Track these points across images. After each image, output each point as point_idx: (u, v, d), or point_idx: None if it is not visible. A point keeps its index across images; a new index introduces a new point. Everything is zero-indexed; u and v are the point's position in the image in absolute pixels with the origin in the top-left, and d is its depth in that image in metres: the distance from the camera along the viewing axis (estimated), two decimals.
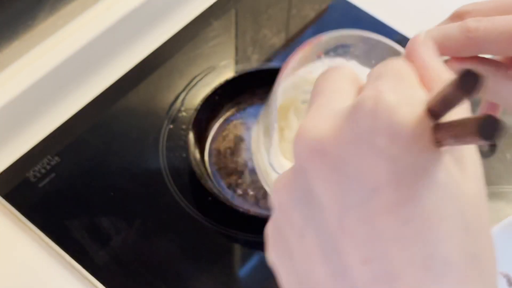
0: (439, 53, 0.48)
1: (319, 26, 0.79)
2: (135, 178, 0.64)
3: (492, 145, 0.70)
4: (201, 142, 0.67)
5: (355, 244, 0.25)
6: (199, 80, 0.72)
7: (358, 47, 0.38)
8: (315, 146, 0.26)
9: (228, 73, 0.72)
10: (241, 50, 0.76)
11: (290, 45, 0.77)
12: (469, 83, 0.22)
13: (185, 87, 0.71)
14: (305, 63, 0.38)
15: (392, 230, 0.24)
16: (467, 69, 0.22)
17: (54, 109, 0.68)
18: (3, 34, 0.66)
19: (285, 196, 0.28)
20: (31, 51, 0.69)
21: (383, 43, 0.37)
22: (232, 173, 0.66)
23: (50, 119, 0.67)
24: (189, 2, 0.78)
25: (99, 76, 0.71)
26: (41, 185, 0.62)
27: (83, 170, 0.64)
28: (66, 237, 0.60)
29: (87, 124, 0.67)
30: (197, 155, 0.65)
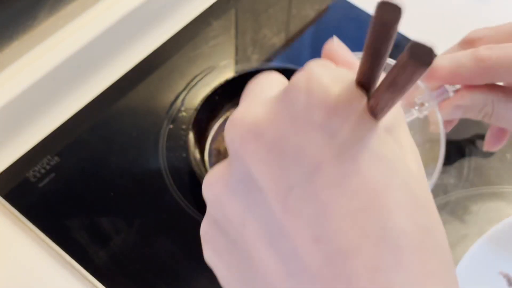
0: (451, 81, 0.48)
1: (319, 26, 0.79)
2: (135, 178, 0.64)
3: None
4: (201, 142, 0.67)
5: (302, 224, 0.24)
6: (199, 80, 0.72)
7: None
8: (249, 129, 0.25)
9: (228, 73, 0.72)
10: (241, 50, 0.76)
11: (290, 45, 0.77)
12: (388, 12, 0.23)
13: (185, 87, 0.71)
14: None
15: (339, 205, 0.23)
16: (383, 1, 0.22)
17: (54, 109, 0.68)
18: (3, 34, 0.66)
19: (220, 188, 0.27)
20: (31, 51, 0.69)
21: (390, 65, 0.36)
22: None
23: (50, 119, 0.67)
24: (189, 2, 0.78)
25: (99, 76, 0.71)
26: (41, 185, 0.62)
27: (83, 170, 0.64)
28: (66, 237, 0.59)
29: (87, 124, 0.67)
30: (197, 155, 0.65)
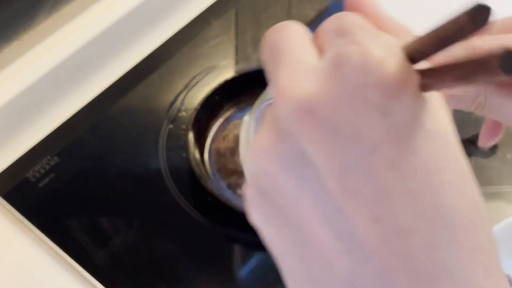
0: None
1: (319, 26, 0.79)
2: (135, 178, 0.64)
3: (493, 145, 0.70)
4: (201, 142, 0.67)
5: (360, 203, 0.24)
6: (199, 80, 0.72)
7: None
8: (303, 106, 0.25)
9: (228, 73, 0.72)
10: (241, 50, 0.76)
11: None
12: (481, 15, 0.22)
13: (185, 87, 0.71)
14: None
15: (397, 186, 0.24)
16: (478, 3, 0.22)
17: (53, 109, 0.68)
18: (2, 34, 0.66)
19: (270, 161, 0.27)
20: (30, 51, 0.69)
21: None
22: (232, 173, 0.65)
23: (49, 119, 0.67)
24: (189, 2, 0.78)
25: (98, 76, 0.71)
26: (40, 185, 0.62)
27: (83, 170, 0.64)
28: (66, 237, 0.59)
29: (86, 124, 0.67)
30: (197, 155, 0.65)
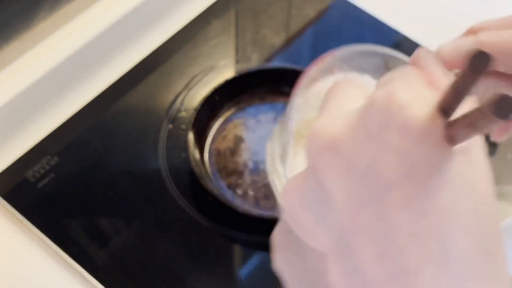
0: (452, 66, 0.49)
1: (319, 26, 0.79)
2: (135, 178, 0.64)
3: (493, 145, 0.70)
4: (201, 142, 0.67)
5: (369, 240, 0.25)
6: (199, 80, 0.72)
7: (372, 62, 0.37)
8: (327, 142, 0.26)
9: (228, 73, 0.72)
10: (241, 50, 0.76)
11: (290, 44, 0.77)
12: (479, 62, 0.23)
13: (185, 87, 0.71)
14: (318, 78, 0.38)
15: (406, 226, 0.24)
16: (477, 50, 0.23)
17: (53, 109, 0.68)
18: (2, 34, 0.66)
19: (295, 198, 0.28)
20: (30, 51, 0.69)
21: (397, 58, 0.37)
22: (232, 173, 0.65)
23: (49, 119, 0.67)
24: (188, 1, 0.78)
25: (98, 76, 0.71)
26: (40, 185, 0.62)
27: (83, 170, 0.64)
28: (66, 237, 0.59)
29: (86, 124, 0.67)
30: (197, 155, 0.65)
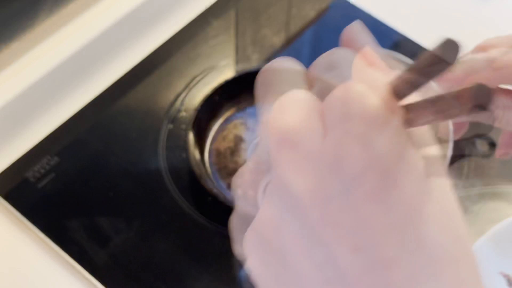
0: (463, 83, 0.48)
1: (319, 26, 0.79)
2: (135, 178, 0.64)
3: (492, 145, 0.69)
4: (201, 142, 0.67)
5: (341, 234, 0.24)
6: (199, 80, 0.72)
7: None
8: (284, 137, 0.25)
9: (228, 73, 0.72)
10: (241, 50, 0.76)
11: (290, 45, 0.77)
12: (450, 52, 0.22)
13: (185, 87, 0.71)
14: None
15: (378, 217, 0.24)
16: (448, 39, 0.22)
17: (53, 109, 0.68)
18: (3, 34, 0.66)
19: (254, 191, 0.27)
20: (30, 51, 0.69)
21: (395, 58, 0.36)
22: (232, 173, 0.65)
23: (49, 119, 0.67)
24: (189, 1, 0.78)
25: (98, 76, 0.71)
26: (40, 185, 0.62)
27: (83, 170, 0.64)
28: (66, 237, 0.59)
29: (86, 124, 0.67)
30: (197, 155, 0.65)
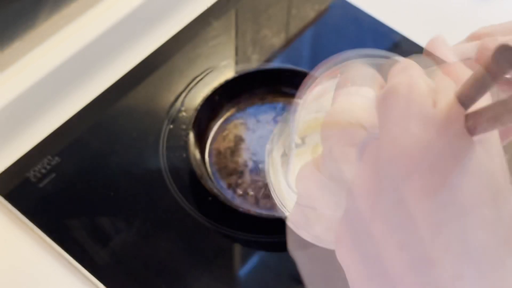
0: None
1: (319, 27, 0.79)
2: (135, 178, 0.64)
3: None
4: (201, 142, 0.67)
5: (389, 228, 0.25)
6: (199, 80, 0.72)
7: (375, 66, 0.37)
8: (343, 129, 0.26)
9: (228, 73, 0.73)
10: (241, 50, 0.76)
11: (290, 45, 0.77)
12: (505, 57, 0.22)
13: (185, 87, 0.71)
14: (322, 81, 0.37)
15: (427, 215, 0.24)
16: (502, 43, 0.22)
17: (54, 109, 0.68)
18: (4, 34, 0.66)
19: (311, 181, 0.28)
20: (31, 51, 0.69)
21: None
22: (232, 173, 0.66)
23: (50, 119, 0.67)
24: (189, 2, 0.78)
25: (99, 76, 0.71)
26: (41, 185, 0.62)
27: (84, 170, 0.64)
28: (67, 237, 0.60)
29: (87, 124, 0.67)
30: (197, 155, 0.65)
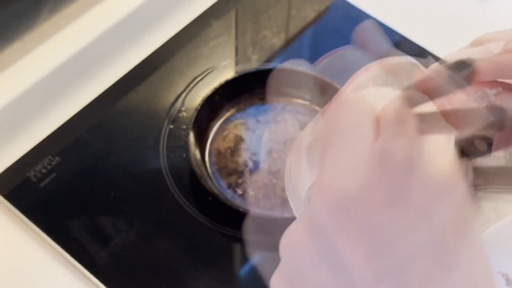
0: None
1: (319, 27, 0.80)
2: (136, 178, 0.64)
3: (490, 145, 0.70)
4: (201, 142, 0.67)
5: (354, 239, 0.22)
6: (199, 80, 0.72)
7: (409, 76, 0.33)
8: (339, 202, 0.23)
9: (228, 74, 0.73)
10: (241, 51, 0.76)
11: (290, 45, 0.77)
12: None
13: (185, 87, 0.71)
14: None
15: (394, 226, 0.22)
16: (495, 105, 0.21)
17: (55, 109, 0.68)
18: (4, 35, 0.66)
19: (301, 253, 0.25)
20: (32, 51, 0.69)
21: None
22: (232, 173, 0.66)
23: (51, 119, 0.67)
24: (189, 2, 0.78)
25: (99, 77, 0.71)
26: (42, 185, 0.62)
27: (84, 170, 0.64)
28: (67, 237, 0.60)
29: (87, 124, 0.68)
30: (198, 155, 0.65)
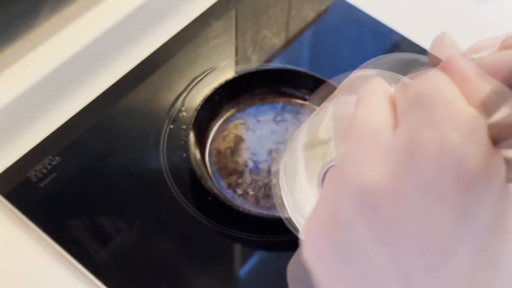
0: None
1: (319, 27, 0.80)
2: (136, 178, 0.64)
3: None
4: (201, 142, 0.67)
5: (408, 235, 0.21)
6: (199, 80, 0.72)
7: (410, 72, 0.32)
8: (365, 197, 0.21)
9: (228, 74, 0.73)
10: (241, 51, 0.76)
11: (290, 45, 0.77)
12: None
13: (185, 87, 0.71)
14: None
15: (450, 227, 0.20)
16: None
17: (55, 109, 0.68)
18: (4, 35, 0.66)
19: (324, 245, 0.23)
20: (32, 51, 0.69)
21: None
22: (232, 173, 0.66)
23: (51, 119, 0.67)
24: (189, 2, 0.78)
25: (100, 77, 0.71)
26: (42, 185, 0.62)
27: (84, 170, 0.64)
28: (67, 237, 0.60)
29: (88, 124, 0.68)
30: (198, 155, 0.65)
